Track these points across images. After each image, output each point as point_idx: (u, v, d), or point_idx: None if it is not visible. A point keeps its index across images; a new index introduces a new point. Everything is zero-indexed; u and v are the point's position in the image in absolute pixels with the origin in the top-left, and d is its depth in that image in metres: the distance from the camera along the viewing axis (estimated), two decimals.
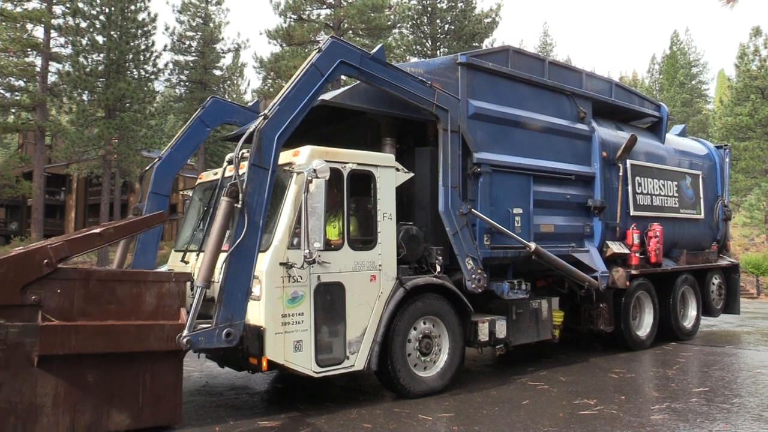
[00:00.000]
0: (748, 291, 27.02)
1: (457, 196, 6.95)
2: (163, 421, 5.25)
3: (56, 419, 4.77)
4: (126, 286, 5.17)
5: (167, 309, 5.27)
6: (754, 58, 38.29)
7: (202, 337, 5.07)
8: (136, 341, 5.03)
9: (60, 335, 4.74)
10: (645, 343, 9.67)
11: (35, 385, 4.72)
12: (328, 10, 29.69)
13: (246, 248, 5.29)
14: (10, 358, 4.65)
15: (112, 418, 5.00)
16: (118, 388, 5.05)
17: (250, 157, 5.41)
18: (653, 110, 10.79)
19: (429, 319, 6.70)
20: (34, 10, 26.88)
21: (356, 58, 6.25)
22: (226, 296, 5.21)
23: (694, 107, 58.70)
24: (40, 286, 4.80)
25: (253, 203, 5.36)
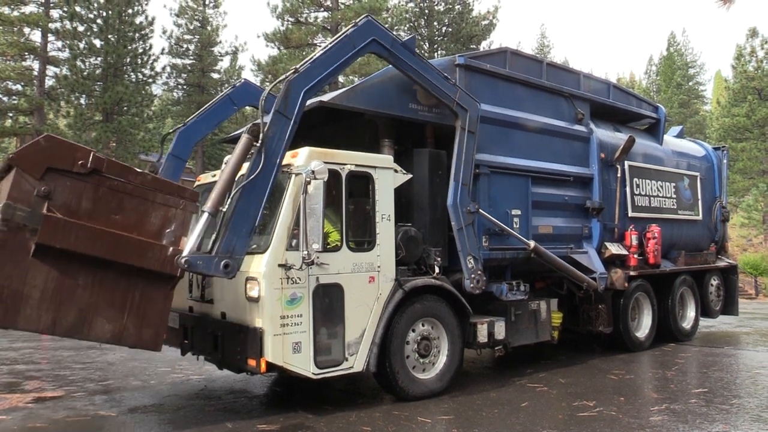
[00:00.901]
0: (747, 291, 27.06)
1: (467, 193, 7.01)
2: (144, 344, 5.22)
3: (39, 314, 4.74)
4: (135, 201, 5.14)
5: (170, 233, 5.25)
6: (750, 59, 38.42)
7: (201, 262, 5.14)
8: (133, 255, 5.01)
9: (62, 229, 4.72)
10: (644, 344, 9.67)
11: (26, 274, 4.69)
12: (325, 12, 29.72)
13: (258, 186, 5.46)
14: (8, 240, 4.64)
15: (93, 327, 4.95)
16: (105, 299, 5.01)
17: (276, 103, 5.66)
18: (651, 112, 10.81)
19: (428, 321, 6.68)
20: (32, 14, 26.84)
21: (389, 40, 6.50)
22: (231, 229, 5.30)
23: (691, 108, 58.82)
24: (55, 179, 4.80)
25: (272, 145, 5.55)
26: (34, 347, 11.34)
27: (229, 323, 5.90)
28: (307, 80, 5.88)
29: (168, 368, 8.56)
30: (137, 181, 5.20)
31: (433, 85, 6.82)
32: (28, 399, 6.87)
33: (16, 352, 10.52)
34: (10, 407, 6.49)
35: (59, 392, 7.21)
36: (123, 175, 5.13)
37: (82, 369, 8.71)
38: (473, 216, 7.06)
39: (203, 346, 6.30)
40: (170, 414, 6.13)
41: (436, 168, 7.09)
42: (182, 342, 6.64)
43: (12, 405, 6.58)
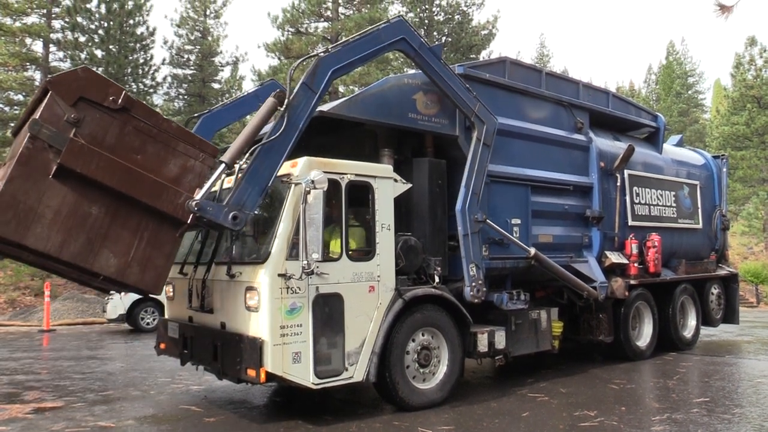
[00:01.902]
0: (748, 300, 26.98)
1: (476, 202, 7.09)
2: (145, 285, 5.29)
3: (49, 234, 4.81)
4: (157, 146, 5.26)
5: (186, 182, 5.36)
6: (749, 68, 38.51)
7: (211, 208, 5.26)
8: (147, 194, 5.12)
9: (84, 155, 4.85)
10: (645, 353, 9.64)
11: (43, 193, 4.78)
12: (325, 23, 29.83)
13: (277, 148, 5.68)
14: (32, 157, 4.75)
15: (98, 258, 5.02)
16: (115, 233, 5.09)
17: (305, 76, 5.98)
18: (650, 120, 10.83)
19: (428, 331, 6.67)
20: (34, 24, 26.96)
21: (417, 42, 6.79)
22: (244, 184, 5.49)
23: (690, 117, 58.89)
24: (85, 109, 4.93)
25: (295, 113, 5.83)
26: (34, 357, 11.33)
27: (229, 333, 5.89)
28: (337, 61, 6.20)
29: (168, 378, 8.54)
30: (163, 126, 5.33)
31: (455, 93, 7.00)
32: (28, 409, 6.86)
33: (16, 362, 10.51)
34: (9, 418, 6.47)
35: (59, 403, 7.19)
36: (150, 118, 5.28)
37: (81, 379, 8.69)
38: (480, 225, 7.10)
39: (203, 356, 6.29)
40: (170, 424, 6.11)
41: (435, 177, 7.10)
42: (182, 352, 6.63)
43: (12, 416, 6.57)
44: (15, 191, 4.70)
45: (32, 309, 19.70)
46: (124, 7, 27.18)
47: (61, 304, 18.73)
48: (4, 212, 4.64)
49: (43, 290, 17.66)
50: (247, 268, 5.85)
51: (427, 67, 6.89)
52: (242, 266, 5.93)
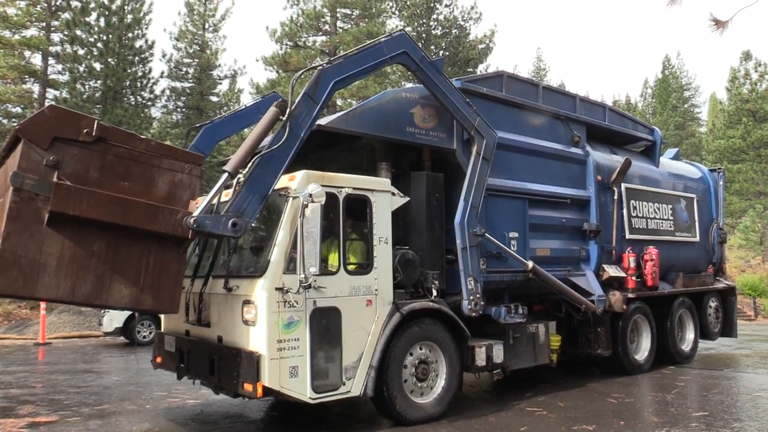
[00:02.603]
0: (746, 313, 26.96)
1: (475, 216, 7.12)
2: (160, 307, 5.35)
3: (58, 281, 4.81)
4: (141, 167, 5.24)
5: (178, 197, 5.35)
6: (744, 82, 38.80)
7: (209, 222, 5.32)
8: (144, 219, 5.11)
9: (73, 196, 4.81)
10: (643, 367, 9.61)
11: (41, 242, 4.76)
12: (323, 37, 29.99)
13: (278, 157, 5.76)
14: (21, 210, 4.71)
15: (111, 292, 5.04)
16: (121, 264, 5.10)
17: (306, 87, 6.09)
18: (647, 134, 10.88)
19: (425, 345, 6.65)
20: (33, 37, 27.05)
21: (418, 55, 6.90)
22: (245, 192, 5.56)
23: (687, 130, 59.18)
24: (62, 149, 4.87)
25: (297, 122, 5.92)
26: (29, 371, 11.26)
27: (226, 347, 5.87)
28: (338, 73, 6.30)
29: (164, 392, 8.49)
30: (142, 147, 5.29)
31: (455, 107, 7.08)
32: (23, 424, 6.80)
33: (11, 375, 10.43)
34: None
35: (54, 417, 7.14)
36: (128, 141, 5.23)
37: (77, 393, 8.64)
38: (479, 239, 7.12)
39: (200, 370, 6.25)
40: None
41: (433, 191, 7.11)
42: (178, 366, 6.59)
43: (6, 430, 6.51)
44: (14, 247, 4.67)
45: (28, 322, 19.61)
46: (123, 20, 27.30)
47: (57, 317, 18.65)
48: (9, 270, 4.63)
49: (38, 303, 17.59)
50: (244, 281, 5.83)
51: (428, 80, 6.95)
52: (239, 280, 5.91)
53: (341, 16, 30.46)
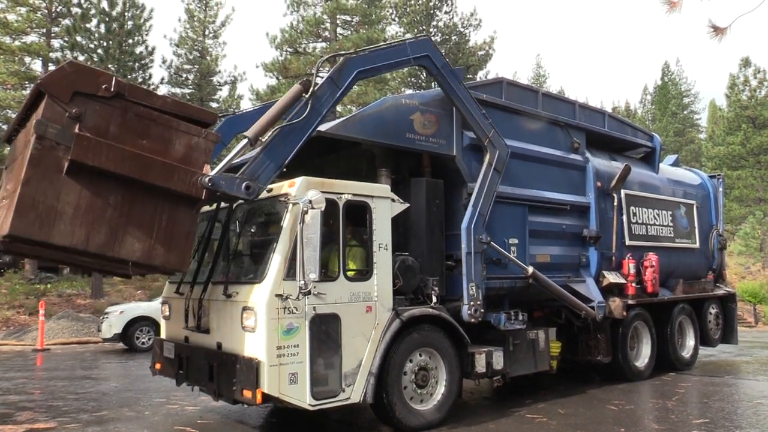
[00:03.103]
0: (746, 320, 26.92)
1: (482, 224, 7.17)
2: (171, 264, 5.41)
3: (73, 229, 4.91)
4: (160, 128, 5.35)
5: (194, 160, 5.44)
6: (744, 88, 38.90)
7: (224, 182, 5.46)
8: (160, 176, 5.21)
9: (93, 148, 4.93)
10: (643, 373, 9.59)
11: (59, 190, 4.86)
12: (323, 43, 30.07)
13: (297, 131, 5.95)
14: (42, 157, 4.82)
15: (124, 245, 5.13)
16: (135, 219, 5.20)
17: (332, 71, 6.31)
18: (646, 140, 10.89)
19: (425, 351, 6.63)
20: (33, 43, 27.10)
21: (441, 61, 7.14)
22: (261, 158, 5.73)
23: (686, 137, 59.27)
24: (83, 103, 4.99)
25: (319, 101, 6.11)
26: (28, 377, 11.23)
27: (225, 354, 5.85)
28: (363, 63, 6.52)
29: (163, 399, 8.46)
30: (159, 103, 5.43)
31: (471, 116, 7.25)
32: (21, 430, 6.78)
33: (9, 382, 10.40)
34: None
35: (52, 423, 7.11)
36: (146, 98, 5.37)
37: (75, 399, 8.61)
38: (484, 246, 7.14)
39: (199, 376, 6.24)
40: None
41: (433, 197, 7.11)
42: (177, 372, 6.58)
43: None
44: (33, 193, 4.78)
45: (26, 328, 19.56)
46: (124, 26, 27.36)
47: (56, 323, 18.59)
48: (26, 214, 4.73)
49: (37, 309, 17.56)
50: (244, 287, 5.83)
51: (448, 86, 7.14)
52: (239, 286, 5.91)
53: (341, 23, 30.56)
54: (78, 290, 26.21)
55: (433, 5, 33.56)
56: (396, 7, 33.75)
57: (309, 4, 30.60)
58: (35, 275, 27.22)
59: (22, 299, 23.31)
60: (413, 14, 33.31)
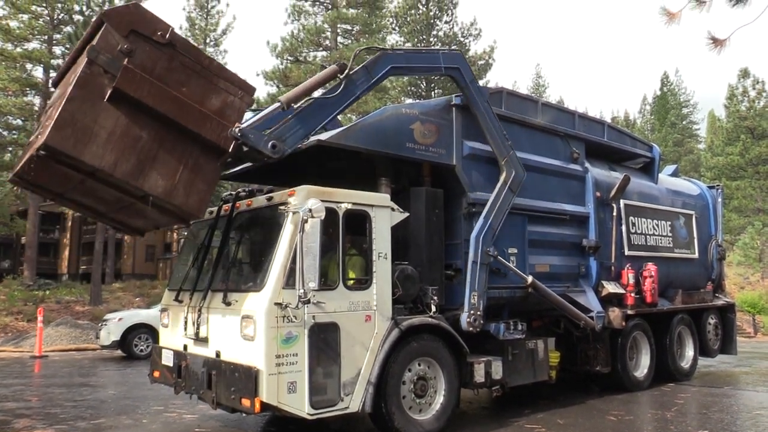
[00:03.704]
0: (745, 330, 26.89)
1: (491, 237, 7.27)
2: (189, 207, 5.57)
3: (104, 152, 5.13)
4: (201, 81, 5.62)
5: (227, 116, 5.68)
6: (743, 99, 39.07)
7: (252, 135, 5.68)
8: (194, 122, 5.46)
9: (138, 81, 5.20)
10: (642, 384, 9.58)
11: (98, 115, 5.12)
12: (324, 52, 30.21)
13: (329, 105, 6.28)
14: (89, 81, 5.10)
15: (148, 178, 5.33)
16: (163, 156, 5.41)
17: (367, 62, 6.68)
18: (645, 151, 10.92)
19: (424, 361, 6.62)
20: (35, 50, 27.22)
21: (470, 76, 7.45)
22: (292, 122, 6.00)
23: (685, 147, 59.47)
24: (136, 42, 5.28)
25: (353, 83, 6.44)
26: (25, 384, 11.20)
27: (224, 362, 5.84)
28: (396, 61, 6.89)
29: (161, 407, 8.44)
30: (205, 63, 5.72)
31: (493, 135, 7.49)
32: None
33: (6, 388, 10.38)
34: None
35: (49, 431, 7.10)
36: (194, 55, 5.69)
37: (73, 407, 8.58)
38: (490, 258, 7.19)
39: (197, 384, 6.22)
40: None
41: (432, 207, 7.12)
42: (176, 380, 6.57)
43: None
44: (74, 111, 5.02)
45: (25, 334, 19.53)
46: None
47: (54, 330, 18.58)
48: (64, 128, 4.97)
49: (36, 315, 17.54)
50: (243, 296, 5.83)
51: (473, 102, 7.38)
52: (238, 294, 5.91)
53: (342, 32, 30.70)
54: (77, 297, 26.20)
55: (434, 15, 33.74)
56: (396, 17, 33.91)
57: (310, 13, 30.80)
58: (34, 281, 27.21)
59: (21, 305, 23.29)
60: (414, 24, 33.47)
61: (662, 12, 6.19)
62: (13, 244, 38.96)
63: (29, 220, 28.84)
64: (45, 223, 38.58)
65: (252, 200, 6.57)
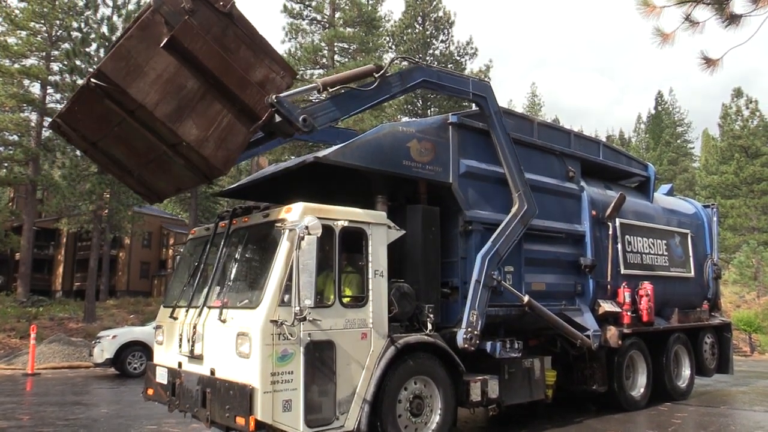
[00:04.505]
0: (742, 349, 26.81)
1: (497, 261, 7.34)
2: (217, 160, 5.81)
3: (149, 91, 5.50)
4: (248, 53, 6.00)
5: (266, 89, 6.01)
6: (736, 118, 39.40)
7: (287, 105, 5.99)
8: (236, 83, 5.82)
9: (194, 35, 5.61)
10: (639, 403, 9.53)
11: (151, 57, 5.51)
12: (321, 70, 30.38)
13: (362, 98, 6.69)
14: (150, 26, 5.56)
15: (184, 125, 5.65)
16: (201, 109, 5.74)
17: (403, 70, 7.22)
18: (641, 170, 10.97)
19: (420, 379, 6.58)
20: (32, 66, 27.27)
21: (495, 107, 7.77)
22: (327, 104, 6.35)
23: (680, 165, 59.76)
24: (199, 5, 5.69)
25: (387, 83, 6.79)
26: (17, 402, 11.09)
27: (219, 380, 5.80)
28: (429, 75, 7.28)
29: (154, 426, 8.35)
30: (256, 39, 6.09)
31: (510, 167, 7.74)
32: None
33: None
34: None
35: None
36: (248, 29, 6.07)
37: (65, 426, 8.49)
38: (493, 282, 7.24)
39: (191, 403, 6.16)
40: None
41: (429, 224, 7.12)
42: (170, 398, 6.51)
43: None
44: (131, 48, 5.46)
45: (17, 351, 19.35)
46: None
47: (47, 347, 18.41)
48: (119, 61, 5.41)
49: (29, 332, 17.40)
50: (238, 313, 5.80)
51: (494, 131, 7.68)
52: (234, 311, 5.88)
53: (339, 50, 30.90)
54: (70, 314, 26.02)
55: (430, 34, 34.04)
56: (393, 36, 34.20)
57: (307, 31, 31.02)
58: (27, 298, 27.04)
59: (14, 322, 23.10)
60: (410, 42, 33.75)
61: (656, 33, 6.26)
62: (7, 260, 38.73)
63: (24, 236, 28.71)
64: (40, 240, 38.44)
65: (248, 217, 6.56)
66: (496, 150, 7.70)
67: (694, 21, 6.07)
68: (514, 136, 8.32)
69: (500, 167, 7.84)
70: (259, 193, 8.21)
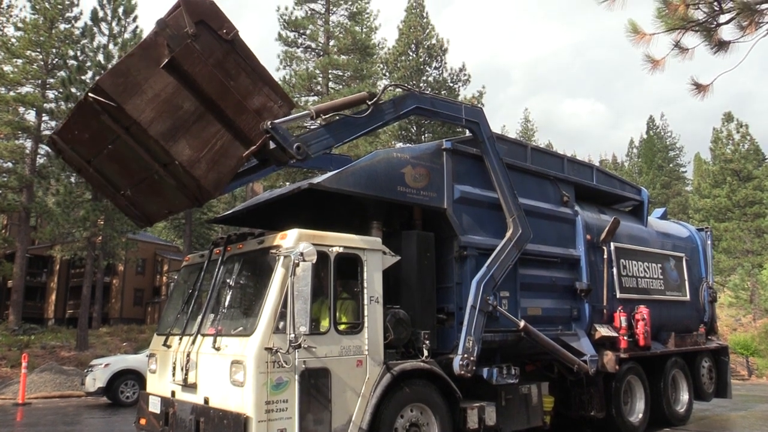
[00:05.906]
0: (739, 372, 26.70)
1: (492, 287, 7.32)
2: (208, 182, 5.81)
3: (144, 108, 5.55)
4: (247, 81, 6.09)
5: (263, 116, 6.05)
6: (727, 142, 39.73)
7: (282, 132, 5.98)
8: (233, 108, 5.88)
9: (194, 59, 5.70)
10: (638, 429, 9.43)
11: (150, 76, 5.60)
12: (315, 97, 30.59)
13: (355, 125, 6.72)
14: (152, 46, 5.70)
15: (177, 145, 5.66)
16: (196, 131, 5.77)
17: (395, 97, 7.22)
18: (634, 194, 11.03)
19: (416, 406, 6.51)
20: (28, 94, 27.40)
21: (488, 133, 7.87)
22: (321, 131, 6.41)
23: (673, 189, 60.14)
24: (202, 31, 5.82)
25: (379, 111, 6.86)
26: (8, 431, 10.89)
27: (213, 409, 5.73)
28: (422, 102, 7.36)
29: None
30: (256, 68, 6.20)
31: (503, 192, 7.78)
32: None
33: None
34: None
35: None
36: (248, 58, 6.19)
37: None
38: (489, 307, 7.19)
39: None
40: None
41: (424, 250, 7.12)
42: (163, 428, 6.41)
43: None
44: (131, 65, 5.59)
45: (8, 381, 19.09)
46: None
47: (38, 376, 18.16)
48: (118, 77, 5.52)
49: (20, 361, 17.18)
50: (233, 341, 5.75)
51: (488, 157, 7.75)
52: (228, 339, 5.83)
53: (333, 77, 31.15)
54: (62, 342, 25.74)
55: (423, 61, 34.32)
56: (387, 63, 34.46)
57: (302, 59, 31.27)
58: (19, 326, 26.76)
59: (5, 351, 22.84)
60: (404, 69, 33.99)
61: (647, 60, 6.34)
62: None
63: (16, 264, 28.53)
64: (32, 267, 38.17)
65: (243, 243, 6.55)
66: (490, 175, 7.72)
67: (684, 48, 6.15)
68: (508, 161, 8.36)
69: (494, 192, 7.86)
70: (254, 220, 8.20)
